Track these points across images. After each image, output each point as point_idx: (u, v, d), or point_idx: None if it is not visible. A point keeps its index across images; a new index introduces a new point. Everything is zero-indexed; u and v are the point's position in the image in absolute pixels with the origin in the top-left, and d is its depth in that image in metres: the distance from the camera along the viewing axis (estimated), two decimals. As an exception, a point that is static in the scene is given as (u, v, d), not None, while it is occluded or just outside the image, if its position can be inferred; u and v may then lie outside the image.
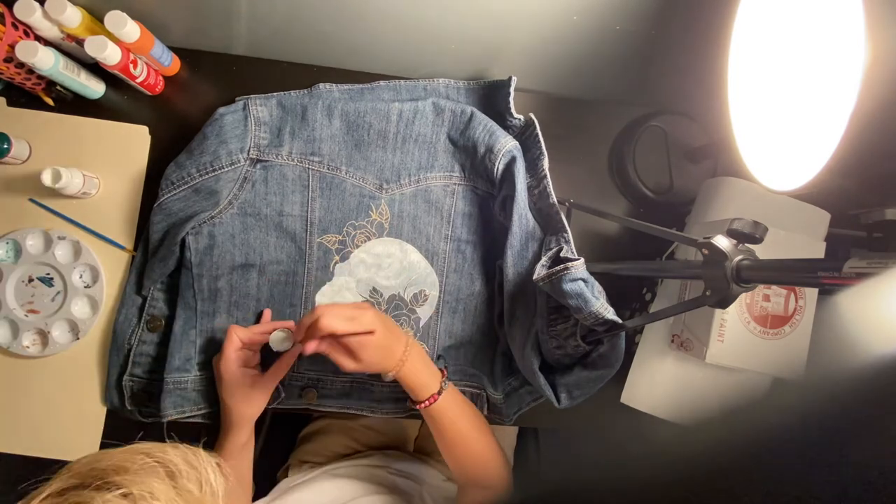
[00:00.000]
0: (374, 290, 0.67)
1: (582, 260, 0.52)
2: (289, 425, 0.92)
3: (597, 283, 0.53)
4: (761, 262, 0.41)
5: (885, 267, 0.31)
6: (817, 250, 0.59)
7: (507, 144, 0.63)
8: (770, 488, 0.16)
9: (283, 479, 0.73)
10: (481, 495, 0.58)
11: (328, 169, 0.66)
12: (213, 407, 0.65)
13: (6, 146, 0.60)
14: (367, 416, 0.68)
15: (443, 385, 0.58)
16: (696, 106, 0.71)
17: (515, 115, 0.65)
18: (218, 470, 0.38)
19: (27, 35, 0.58)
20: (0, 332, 0.64)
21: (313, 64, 0.69)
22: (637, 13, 0.60)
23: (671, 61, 0.68)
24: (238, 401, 0.58)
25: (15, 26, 0.56)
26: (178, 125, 0.67)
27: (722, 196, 0.61)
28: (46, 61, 0.57)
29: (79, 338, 0.65)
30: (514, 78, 0.65)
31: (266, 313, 0.65)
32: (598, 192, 0.73)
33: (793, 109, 0.43)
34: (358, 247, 0.67)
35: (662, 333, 0.63)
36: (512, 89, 0.64)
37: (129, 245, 0.66)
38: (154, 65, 0.65)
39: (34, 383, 0.65)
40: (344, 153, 0.66)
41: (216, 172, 0.62)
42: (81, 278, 0.65)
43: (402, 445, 0.86)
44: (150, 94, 0.67)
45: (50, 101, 0.64)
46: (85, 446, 0.65)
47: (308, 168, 0.65)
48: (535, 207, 0.64)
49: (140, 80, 0.63)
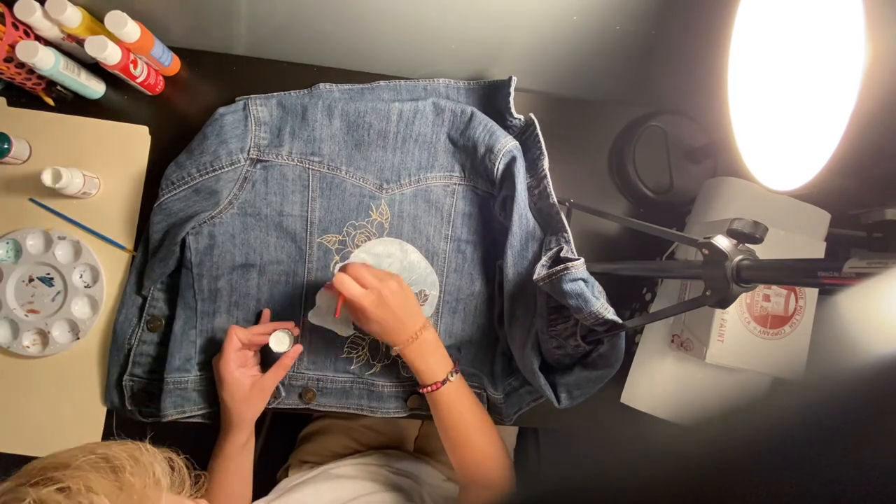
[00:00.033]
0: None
1: (582, 260, 0.52)
2: (289, 425, 0.92)
3: (597, 283, 0.53)
4: (761, 262, 0.41)
5: (885, 267, 0.31)
6: (817, 250, 0.59)
7: (507, 144, 0.63)
8: (770, 488, 0.16)
9: (283, 479, 0.73)
10: (482, 494, 0.58)
11: (328, 169, 0.66)
12: (213, 407, 0.65)
13: (6, 146, 0.61)
14: (367, 416, 0.68)
15: (450, 375, 0.59)
16: (696, 106, 0.71)
17: (515, 115, 0.65)
18: (166, 463, 0.39)
19: (27, 35, 0.58)
20: (0, 332, 0.64)
21: (313, 64, 0.69)
22: (637, 13, 0.60)
23: (671, 61, 0.68)
24: (238, 401, 0.58)
25: (15, 26, 0.56)
26: (178, 125, 0.67)
27: (722, 196, 0.61)
28: (47, 61, 0.57)
29: (79, 338, 0.65)
30: (514, 78, 0.65)
31: (266, 313, 0.65)
32: (598, 192, 0.73)
33: (793, 109, 0.43)
34: (358, 247, 0.67)
35: (662, 333, 0.63)
36: (512, 89, 0.64)
37: (129, 245, 0.66)
38: (154, 65, 0.65)
39: (34, 383, 0.65)
40: (344, 153, 0.66)
41: (216, 172, 0.62)
42: (81, 278, 0.65)
43: (402, 445, 0.86)
44: (150, 94, 0.67)
45: (50, 101, 0.65)
46: (85, 446, 0.65)
47: (308, 168, 0.65)
48: (535, 207, 0.64)
49: (140, 80, 0.63)
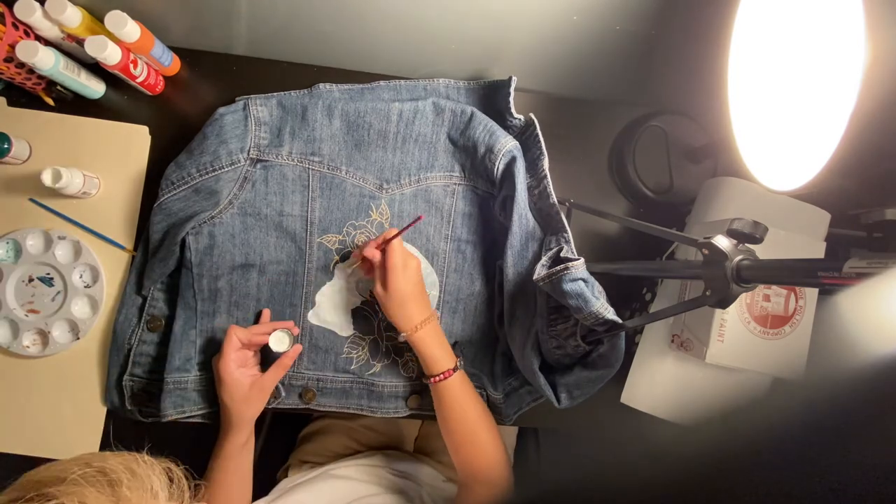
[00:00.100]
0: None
1: (582, 260, 0.52)
2: (289, 425, 0.92)
3: (597, 283, 0.53)
4: (761, 262, 0.41)
5: (885, 267, 0.31)
6: (817, 250, 0.59)
7: (507, 144, 0.62)
8: (770, 488, 0.16)
9: (283, 479, 0.73)
10: (482, 492, 0.58)
11: (328, 169, 0.66)
12: (213, 407, 0.65)
13: (6, 146, 0.61)
14: (367, 417, 0.68)
15: (458, 364, 0.61)
16: (696, 106, 0.71)
17: (515, 115, 0.65)
18: (164, 474, 0.38)
19: (27, 35, 0.58)
20: (0, 332, 0.64)
21: (313, 64, 0.69)
22: (637, 13, 0.60)
23: (671, 61, 0.68)
24: (237, 401, 0.58)
25: (15, 26, 0.56)
26: (178, 125, 0.67)
27: (722, 196, 0.61)
28: (47, 61, 0.57)
29: (79, 338, 0.65)
30: (515, 78, 0.65)
31: (265, 313, 0.65)
32: (598, 192, 0.73)
33: (793, 109, 0.43)
34: (358, 247, 0.67)
35: (662, 333, 0.63)
36: (512, 89, 0.64)
37: (129, 245, 0.66)
38: (154, 65, 0.65)
39: (34, 383, 0.65)
40: (344, 153, 0.66)
41: (216, 172, 0.62)
42: (81, 278, 0.65)
43: (402, 446, 0.86)
44: (150, 94, 0.67)
45: (50, 101, 0.64)
46: (85, 446, 0.65)
47: (308, 168, 0.65)
48: (535, 207, 0.64)
49: (140, 80, 0.63)
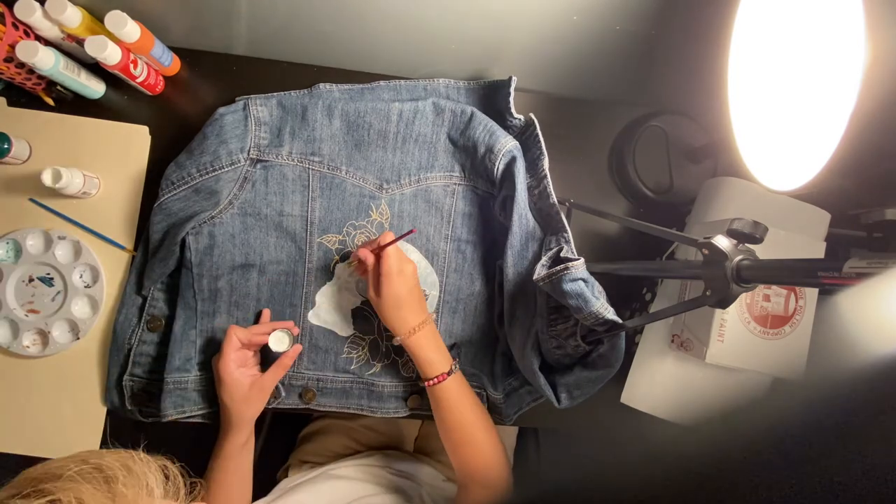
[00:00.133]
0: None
1: (582, 260, 0.52)
2: (289, 425, 0.92)
3: (597, 283, 0.53)
4: (761, 262, 0.41)
5: (885, 267, 0.31)
6: (817, 250, 0.59)
7: (507, 144, 0.62)
8: (770, 488, 0.16)
9: (283, 480, 0.73)
10: (481, 493, 0.58)
11: (328, 169, 0.66)
12: (213, 407, 0.65)
13: (6, 146, 0.60)
14: (367, 417, 0.68)
15: (453, 367, 0.60)
16: (696, 106, 0.71)
17: (515, 115, 0.65)
18: (160, 472, 0.38)
19: (27, 35, 0.58)
20: (0, 332, 0.64)
21: (313, 64, 0.69)
22: (637, 13, 0.60)
23: (671, 61, 0.68)
24: (237, 401, 0.58)
25: (15, 26, 0.56)
26: (178, 125, 0.67)
27: (722, 196, 0.61)
28: (47, 61, 0.57)
29: (79, 338, 0.65)
30: (514, 78, 0.65)
31: (265, 313, 0.65)
32: (598, 192, 0.73)
33: (793, 109, 0.43)
34: (358, 247, 0.67)
35: (662, 333, 0.63)
36: (512, 89, 0.64)
37: (129, 245, 0.66)
38: (154, 65, 0.65)
39: (34, 383, 0.65)
40: (344, 153, 0.66)
41: (216, 172, 0.62)
42: (81, 278, 0.65)
43: (402, 445, 0.86)
44: (150, 94, 0.67)
45: (50, 101, 0.64)
46: (85, 446, 0.64)
47: (308, 168, 0.65)
48: (535, 207, 0.64)
49: (140, 80, 0.63)
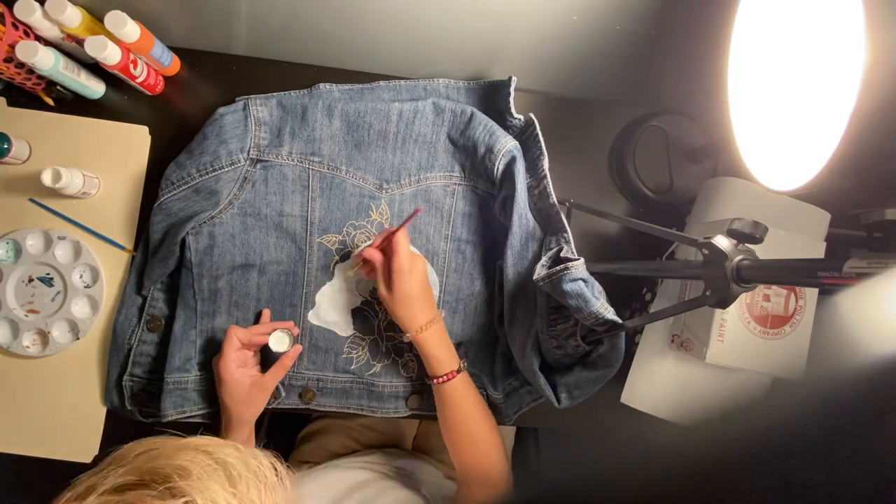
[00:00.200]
0: (375, 290, 0.67)
1: (582, 260, 0.52)
2: (288, 425, 0.92)
3: (597, 283, 0.53)
4: (761, 262, 0.41)
5: (885, 267, 0.31)
6: (817, 250, 0.59)
7: (507, 144, 0.62)
8: (770, 488, 0.16)
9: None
10: (482, 492, 0.58)
11: (328, 169, 0.66)
12: (213, 407, 0.65)
13: (6, 146, 0.60)
14: (367, 416, 0.68)
15: (461, 366, 0.60)
16: (696, 106, 0.71)
17: (515, 115, 0.65)
18: (271, 468, 0.36)
19: (27, 35, 0.58)
20: (0, 332, 0.64)
21: (313, 64, 0.69)
22: (637, 13, 0.60)
23: (671, 61, 0.68)
24: (237, 401, 0.58)
25: (15, 26, 0.56)
26: (178, 125, 0.67)
27: (722, 196, 0.61)
28: (46, 61, 0.57)
29: (79, 338, 0.65)
30: (514, 78, 0.64)
31: (265, 313, 0.65)
32: (598, 192, 0.73)
33: (793, 109, 0.43)
34: (358, 247, 0.67)
35: (662, 333, 0.63)
36: (512, 89, 0.64)
37: (129, 245, 0.66)
38: (154, 65, 0.65)
39: (34, 383, 0.65)
40: (344, 153, 0.66)
41: (216, 172, 0.62)
42: (81, 278, 0.65)
43: (401, 445, 0.86)
44: (150, 94, 0.67)
45: (50, 101, 0.64)
46: (85, 446, 0.65)
47: (308, 168, 0.65)
48: (535, 207, 0.64)
49: (140, 80, 0.63)
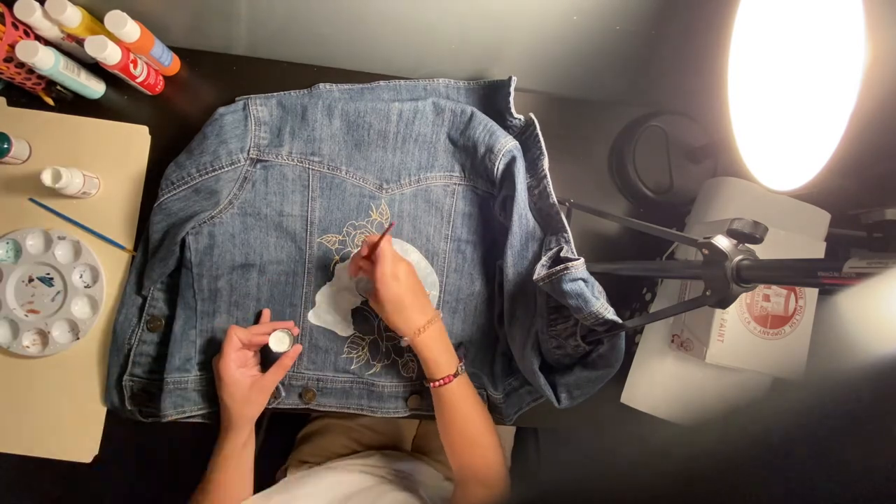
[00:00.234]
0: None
1: (582, 260, 0.52)
2: (288, 425, 0.92)
3: (597, 283, 0.53)
4: (761, 262, 0.41)
5: (885, 267, 0.31)
6: (817, 250, 0.59)
7: (507, 144, 0.62)
8: (770, 488, 0.16)
9: (281, 480, 0.73)
10: (480, 493, 0.58)
11: (328, 169, 0.66)
12: (213, 407, 0.65)
13: (6, 146, 0.60)
14: (367, 416, 0.68)
15: (459, 369, 0.60)
16: (696, 106, 0.71)
17: (515, 115, 0.65)
18: None
19: (27, 35, 0.58)
20: (0, 332, 0.64)
21: (313, 64, 0.69)
22: (637, 13, 0.60)
23: (671, 61, 0.68)
24: (238, 401, 0.58)
25: (15, 26, 0.56)
26: (178, 125, 0.67)
27: (722, 196, 0.61)
28: (46, 61, 0.57)
29: (79, 338, 0.65)
30: (514, 78, 0.65)
31: (265, 313, 0.65)
32: (598, 192, 0.73)
33: (793, 109, 0.43)
34: (358, 247, 0.67)
35: (662, 333, 0.63)
36: (512, 89, 0.64)
37: (129, 245, 0.66)
38: (154, 65, 0.65)
39: (34, 383, 0.65)
40: (344, 153, 0.66)
41: (216, 172, 0.62)
42: (81, 278, 0.65)
43: (400, 445, 0.86)
44: (150, 94, 0.67)
45: (50, 101, 0.64)
46: (85, 446, 0.65)
47: (308, 168, 0.65)
48: (535, 207, 0.64)
49: (140, 80, 0.63)
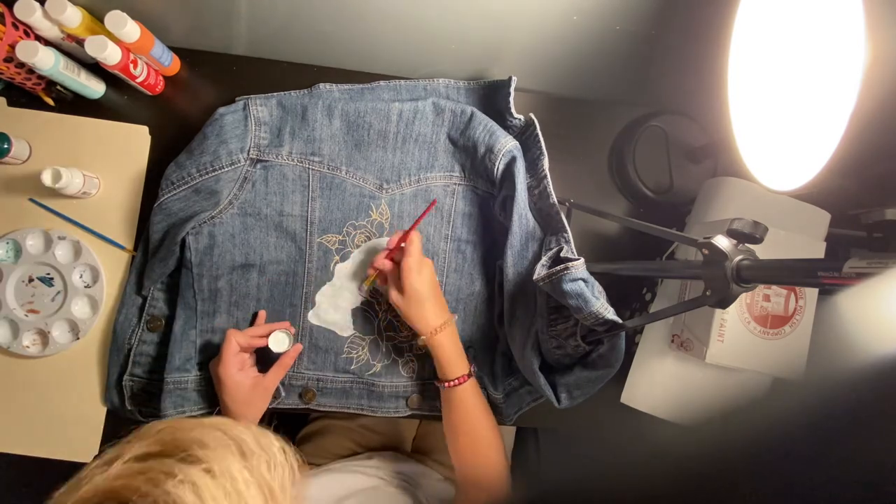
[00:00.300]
0: (375, 289, 0.67)
1: (582, 260, 0.52)
2: (288, 425, 0.92)
3: (597, 283, 0.53)
4: (761, 262, 0.41)
5: (885, 267, 0.31)
6: (817, 250, 0.59)
7: (507, 144, 0.62)
8: (770, 488, 0.16)
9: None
10: (481, 496, 0.58)
11: (328, 169, 0.66)
12: (213, 407, 0.64)
13: (6, 146, 0.60)
14: (367, 416, 0.68)
15: (472, 371, 0.61)
16: (696, 106, 0.71)
17: (515, 115, 0.65)
18: (281, 450, 0.37)
19: (27, 35, 0.58)
20: (0, 332, 0.64)
21: (313, 64, 0.69)
22: (637, 13, 0.60)
23: (671, 61, 0.68)
24: (239, 403, 0.58)
25: (15, 26, 0.56)
26: (178, 125, 0.67)
27: (722, 196, 0.61)
28: (46, 61, 0.57)
29: (79, 338, 0.65)
30: (514, 78, 0.65)
31: (261, 315, 0.65)
32: (598, 192, 0.73)
33: (793, 109, 0.43)
34: (358, 247, 0.67)
35: (662, 333, 0.63)
36: (512, 89, 0.64)
37: (129, 245, 0.66)
38: (154, 65, 0.65)
39: (34, 383, 0.65)
40: (344, 153, 0.66)
41: (216, 172, 0.62)
42: (81, 278, 0.65)
43: (401, 445, 0.85)
44: (150, 94, 0.67)
45: (50, 101, 0.64)
46: (85, 446, 0.65)
47: (308, 168, 0.65)
48: (535, 207, 0.64)
49: (140, 80, 0.63)
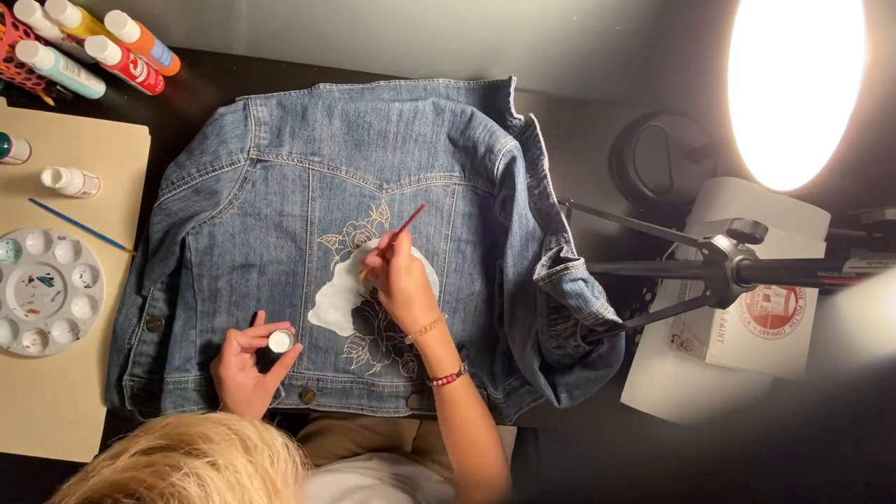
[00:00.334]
0: (375, 289, 0.67)
1: (582, 260, 0.52)
2: (287, 425, 0.92)
3: (597, 283, 0.53)
4: (761, 262, 0.41)
5: (885, 267, 0.31)
6: (817, 250, 0.59)
7: (507, 144, 0.62)
8: (770, 489, 0.16)
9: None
10: (480, 495, 0.58)
11: (328, 169, 0.66)
12: (214, 407, 0.64)
13: (6, 146, 0.60)
14: (367, 416, 0.68)
15: (462, 369, 0.61)
16: (696, 106, 0.71)
17: (515, 115, 0.65)
18: (284, 446, 0.38)
19: (27, 35, 0.58)
20: (0, 332, 0.64)
21: (313, 64, 0.69)
22: (637, 13, 0.60)
23: (671, 61, 0.68)
24: (240, 403, 0.58)
25: (15, 26, 0.56)
26: (178, 125, 0.67)
27: (722, 196, 0.61)
28: (46, 61, 0.57)
29: (79, 338, 0.65)
30: (514, 78, 0.65)
31: (260, 315, 0.65)
32: (598, 192, 0.73)
33: (793, 109, 0.43)
34: (358, 247, 0.67)
35: (662, 333, 0.63)
36: (512, 89, 0.64)
37: (129, 245, 0.66)
38: (154, 65, 0.65)
39: (34, 383, 0.65)
40: (344, 153, 0.66)
41: (216, 172, 0.62)
42: (81, 278, 0.65)
43: (401, 446, 0.85)
44: (150, 94, 0.67)
45: (50, 101, 0.64)
46: (85, 446, 0.65)
47: (308, 168, 0.65)
48: (535, 207, 0.64)
49: (140, 80, 0.63)
